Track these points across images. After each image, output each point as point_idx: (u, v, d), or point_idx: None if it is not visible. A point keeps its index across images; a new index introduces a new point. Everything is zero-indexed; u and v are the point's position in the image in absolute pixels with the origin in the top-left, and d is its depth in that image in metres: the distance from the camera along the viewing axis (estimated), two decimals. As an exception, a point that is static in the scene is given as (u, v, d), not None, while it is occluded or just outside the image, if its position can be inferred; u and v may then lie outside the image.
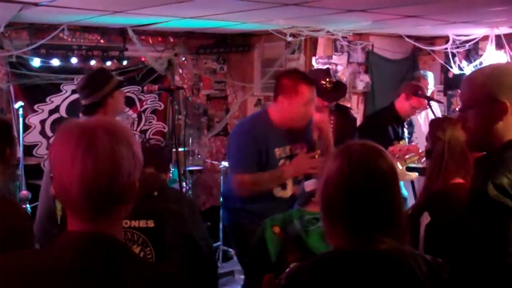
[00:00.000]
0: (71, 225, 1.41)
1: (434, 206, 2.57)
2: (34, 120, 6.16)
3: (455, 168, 2.63)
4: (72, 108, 6.19)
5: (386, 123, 4.90)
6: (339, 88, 4.42)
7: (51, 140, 5.86)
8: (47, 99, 6.25)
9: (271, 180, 3.45)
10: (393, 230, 1.69)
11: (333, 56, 6.84)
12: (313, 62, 6.68)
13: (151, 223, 2.58)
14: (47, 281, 1.34)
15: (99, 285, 1.35)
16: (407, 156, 4.28)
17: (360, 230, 1.67)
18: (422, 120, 5.57)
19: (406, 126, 5.18)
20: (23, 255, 1.46)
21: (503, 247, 1.89)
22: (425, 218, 2.50)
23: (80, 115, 3.62)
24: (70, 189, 1.35)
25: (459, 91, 5.61)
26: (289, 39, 6.18)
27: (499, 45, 6.29)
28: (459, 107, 2.21)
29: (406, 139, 5.07)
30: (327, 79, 4.35)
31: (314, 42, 6.82)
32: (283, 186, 3.50)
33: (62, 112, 6.29)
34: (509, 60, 6.07)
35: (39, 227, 3.11)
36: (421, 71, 6.25)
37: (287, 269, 1.79)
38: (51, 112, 6.25)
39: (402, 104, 5.10)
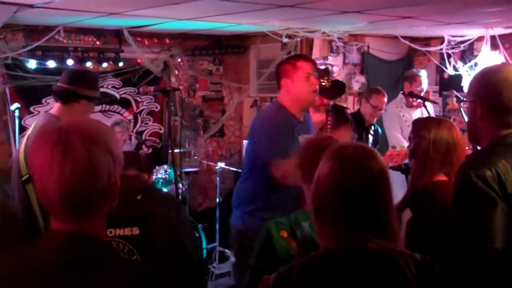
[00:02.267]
0: (53, 225, 1.42)
1: (415, 202, 2.60)
2: (30, 121, 6.13)
3: (439, 166, 2.66)
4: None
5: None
6: (338, 86, 4.46)
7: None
8: (43, 101, 6.24)
9: None
10: (384, 230, 1.70)
11: (329, 57, 6.86)
12: (309, 63, 6.69)
13: (136, 230, 2.44)
14: (29, 280, 1.35)
15: (80, 284, 1.35)
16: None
17: (350, 230, 1.68)
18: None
19: (372, 132, 5.29)
20: (5, 254, 1.47)
21: (487, 234, 1.92)
22: (407, 214, 2.53)
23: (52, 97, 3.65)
24: (50, 193, 1.37)
25: (454, 91, 5.65)
26: (285, 40, 6.18)
27: (494, 46, 6.31)
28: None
29: (370, 145, 5.14)
30: (326, 78, 4.38)
31: (309, 43, 6.83)
32: None
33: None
34: (504, 61, 6.09)
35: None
36: (414, 69, 6.29)
37: (278, 270, 1.80)
38: (47, 114, 6.25)
39: (364, 108, 5.42)
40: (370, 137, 5.35)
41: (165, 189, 5.75)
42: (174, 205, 2.73)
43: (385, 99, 5.42)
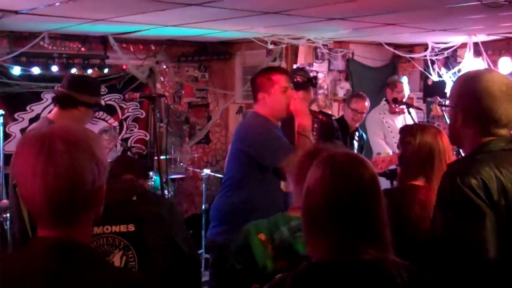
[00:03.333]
0: (40, 231, 1.42)
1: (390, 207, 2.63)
2: (14, 128, 6.11)
3: (418, 170, 2.71)
4: (53, 116, 6.17)
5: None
6: (310, 82, 4.48)
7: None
8: (28, 108, 6.21)
9: (307, 139, 3.52)
10: (376, 239, 1.69)
11: (314, 64, 6.90)
12: (294, 70, 6.72)
13: (131, 227, 2.60)
14: (14, 287, 1.35)
15: None
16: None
17: (342, 239, 1.66)
18: (400, 124, 5.62)
19: (356, 138, 5.34)
20: None
21: (480, 246, 1.93)
22: None
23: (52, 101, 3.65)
24: (34, 200, 1.36)
25: (438, 98, 5.71)
26: (270, 47, 6.21)
27: (477, 53, 6.38)
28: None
29: (355, 151, 5.18)
30: (300, 74, 4.42)
31: (295, 49, 6.87)
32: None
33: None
34: (487, 67, 6.15)
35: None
36: (396, 76, 6.36)
37: (271, 282, 1.79)
38: (32, 120, 6.20)
39: (346, 112, 5.53)
40: (355, 143, 5.39)
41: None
42: (167, 205, 2.86)
43: (367, 104, 5.46)
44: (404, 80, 5.89)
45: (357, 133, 5.45)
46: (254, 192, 3.49)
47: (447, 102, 2.55)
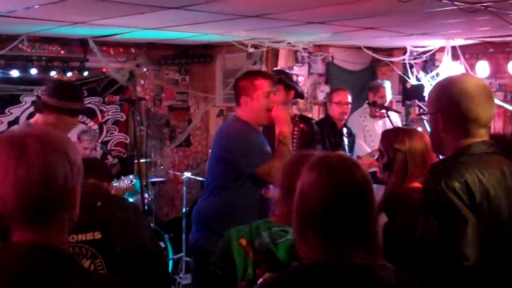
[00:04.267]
0: (14, 236, 1.40)
1: (391, 207, 2.66)
2: (-8, 131, 6.06)
3: (418, 175, 2.75)
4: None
5: (323, 132, 5.03)
6: (298, 95, 4.50)
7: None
8: (6, 111, 6.16)
9: (286, 148, 3.51)
10: (367, 243, 1.69)
11: (294, 67, 6.93)
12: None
13: (98, 235, 2.54)
14: None
15: None
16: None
17: (335, 242, 1.67)
18: (380, 128, 5.68)
19: (346, 135, 5.32)
20: None
21: (461, 252, 1.96)
22: (382, 218, 2.58)
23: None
24: (6, 200, 1.35)
25: (416, 101, 5.77)
26: (251, 50, 6.23)
27: (455, 56, 6.46)
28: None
29: (346, 148, 5.20)
30: (285, 75, 4.44)
31: (275, 53, 6.90)
32: (268, 188, 3.51)
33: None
34: (464, 71, 6.24)
35: None
36: (379, 80, 6.39)
37: (259, 281, 1.79)
38: (10, 123, 6.16)
39: (331, 109, 5.48)
40: (345, 139, 5.32)
41: (131, 199, 5.71)
42: (132, 209, 2.82)
43: (348, 95, 5.41)
44: (387, 85, 5.92)
45: (345, 129, 5.39)
46: (235, 197, 3.49)
47: (425, 107, 2.59)
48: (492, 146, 2.16)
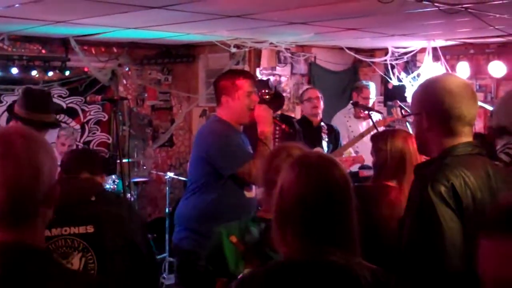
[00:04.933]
0: None
1: (362, 201, 2.68)
2: (-28, 131, 5.99)
3: (392, 174, 2.79)
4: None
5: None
6: (278, 99, 4.55)
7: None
8: (-13, 110, 6.11)
9: (267, 148, 3.49)
10: (345, 241, 1.71)
11: (277, 68, 6.95)
12: (257, 73, 6.76)
13: (90, 228, 2.57)
14: None
15: None
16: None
17: (313, 240, 1.68)
18: (364, 129, 5.70)
19: (324, 131, 5.33)
20: None
21: (444, 258, 1.97)
22: None
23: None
24: None
25: (398, 101, 5.81)
26: (233, 50, 6.24)
27: (436, 57, 6.52)
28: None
29: (325, 144, 5.22)
30: (266, 91, 4.46)
31: (258, 53, 6.91)
32: (250, 187, 3.53)
33: (2, 123, 6.14)
34: (445, 71, 6.29)
35: None
36: (363, 81, 6.42)
37: (239, 277, 1.80)
38: (-9, 123, 6.11)
39: (303, 108, 5.55)
40: (324, 136, 5.34)
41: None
42: (125, 205, 2.86)
43: (317, 92, 5.47)
44: (371, 86, 5.94)
45: (323, 126, 5.41)
46: (217, 197, 3.48)
47: (409, 108, 2.61)
48: (477, 147, 2.17)
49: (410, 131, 4.22)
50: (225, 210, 3.39)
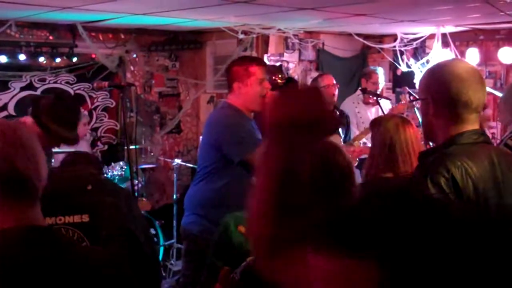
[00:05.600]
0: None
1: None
2: (-19, 118, 6.01)
3: (383, 163, 2.73)
4: (20, 105, 6.07)
5: None
6: (291, 83, 4.52)
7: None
8: (-5, 96, 6.11)
9: None
10: None
11: (285, 54, 6.92)
12: (265, 60, 6.73)
13: (85, 218, 2.51)
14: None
15: (55, 276, 1.35)
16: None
17: None
18: (373, 116, 5.68)
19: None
20: None
21: None
22: None
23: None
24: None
25: (407, 88, 5.78)
26: (241, 36, 6.20)
27: (445, 43, 6.47)
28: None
29: (341, 132, 5.21)
30: (279, 75, 4.45)
31: (265, 39, 6.88)
32: None
33: (11, 110, 6.16)
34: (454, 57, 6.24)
35: None
36: (371, 67, 6.39)
37: (242, 264, 1.79)
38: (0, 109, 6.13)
39: None
40: None
41: (122, 186, 5.70)
42: (123, 194, 2.77)
43: (331, 77, 5.45)
44: (380, 71, 5.91)
45: (336, 112, 5.40)
46: (226, 183, 3.49)
47: (417, 94, 2.58)
48: (482, 135, 2.15)
49: (420, 118, 4.18)
50: (234, 196, 3.36)
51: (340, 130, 5.32)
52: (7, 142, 1.40)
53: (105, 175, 5.81)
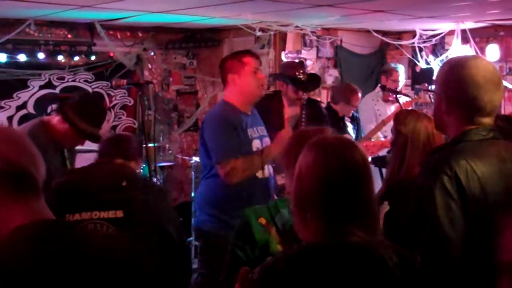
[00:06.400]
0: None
1: (393, 196, 2.63)
2: (1, 116, 6.05)
3: (417, 161, 2.69)
4: (40, 104, 6.12)
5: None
6: (314, 79, 4.51)
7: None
8: (14, 95, 6.14)
9: (262, 161, 3.45)
10: (365, 221, 1.69)
11: (302, 51, 6.88)
12: (283, 57, 6.71)
13: (120, 213, 2.59)
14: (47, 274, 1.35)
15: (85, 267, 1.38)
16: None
17: (333, 222, 1.66)
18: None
19: (348, 119, 5.30)
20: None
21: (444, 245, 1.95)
22: (385, 207, 2.56)
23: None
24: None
25: (426, 85, 5.73)
26: (258, 33, 6.19)
27: (465, 40, 6.40)
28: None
29: (352, 132, 5.18)
30: (301, 71, 4.43)
31: (283, 36, 6.85)
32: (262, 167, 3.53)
33: (30, 108, 6.20)
34: (473, 54, 6.17)
35: None
36: (392, 64, 6.33)
37: (261, 263, 1.78)
38: (19, 108, 6.15)
39: (341, 107, 5.35)
40: (349, 124, 5.32)
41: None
42: (157, 191, 2.87)
43: (360, 94, 5.43)
44: (401, 69, 5.85)
45: None
46: (223, 181, 3.48)
47: (433, 88, 2.54)
48: (492, 131, 2.10)
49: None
50: (236, 191, 3.41)
51: (351, 131, 5.29)
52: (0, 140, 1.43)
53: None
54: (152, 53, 7.17)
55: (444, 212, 1.93)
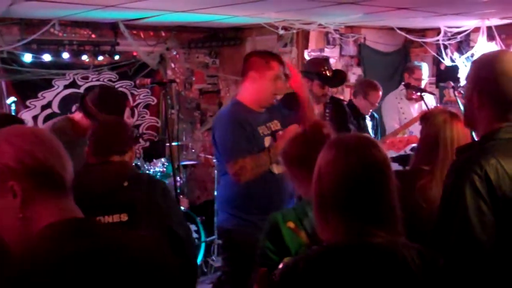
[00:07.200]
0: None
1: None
2: (26, 115, 6.12)
3: (423, 155, 2.67)
4: (64, 103, 6.19)
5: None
6: (339, 75, 4.48)
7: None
8: (39, 95, 6.22)
9: (270, 158, 3.42)
10: (387, 222, 1.67)
11: (325, 49, 6.85)
12: (305, 55, 6.69)
13: (124, 217, 2.51)
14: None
15: (115, 263, 1.40)
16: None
17: (355, 222, 1.64)
18: (416, 112, 5.59)
19: (368, 118, 5.29)
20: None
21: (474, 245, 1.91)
22: None
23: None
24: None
25: (451, 82, 5.65)
26: (281, 32, 6.18)
27: (491, 37, 6.31)
28: None
29: (371, 131, 5.14)
30: (326, 67, 4.41)
31: (306, 35, 6.83)
32: (278, 162, 3.50)
33: (55, 107, 6.27)
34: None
35: None
36: (415, 62, 6.26)
37: (280, 266, 1.77)
38: (44, 107, 6.23)
39: (361, 102, 5.35)
40: (368, 123, 5.30)
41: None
42: (160, 189, 2.74)
43: (381, 93, 5.40)
44: (424, 67, 5.76)
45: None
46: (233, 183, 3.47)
47: (462, 89, 2.51)
48: None
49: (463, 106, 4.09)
50: (252, 188, 3.41)
51: (371, 131, 5.26)
52: (26, 140, 1.45)
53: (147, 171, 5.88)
54: (175, 52, 7.20)
55: (475, 214, 1.89)
